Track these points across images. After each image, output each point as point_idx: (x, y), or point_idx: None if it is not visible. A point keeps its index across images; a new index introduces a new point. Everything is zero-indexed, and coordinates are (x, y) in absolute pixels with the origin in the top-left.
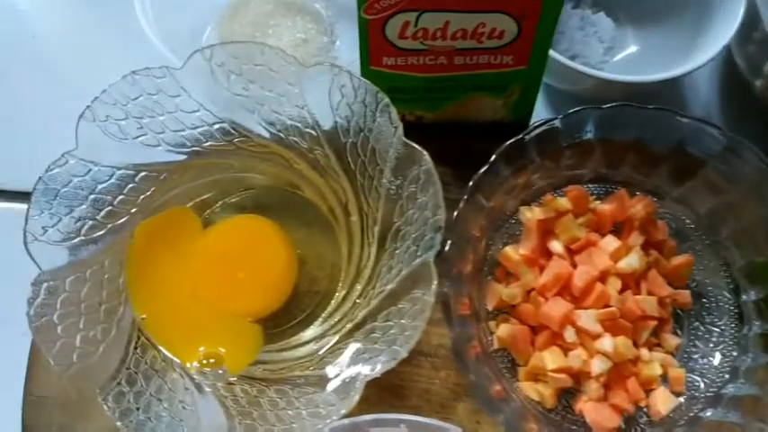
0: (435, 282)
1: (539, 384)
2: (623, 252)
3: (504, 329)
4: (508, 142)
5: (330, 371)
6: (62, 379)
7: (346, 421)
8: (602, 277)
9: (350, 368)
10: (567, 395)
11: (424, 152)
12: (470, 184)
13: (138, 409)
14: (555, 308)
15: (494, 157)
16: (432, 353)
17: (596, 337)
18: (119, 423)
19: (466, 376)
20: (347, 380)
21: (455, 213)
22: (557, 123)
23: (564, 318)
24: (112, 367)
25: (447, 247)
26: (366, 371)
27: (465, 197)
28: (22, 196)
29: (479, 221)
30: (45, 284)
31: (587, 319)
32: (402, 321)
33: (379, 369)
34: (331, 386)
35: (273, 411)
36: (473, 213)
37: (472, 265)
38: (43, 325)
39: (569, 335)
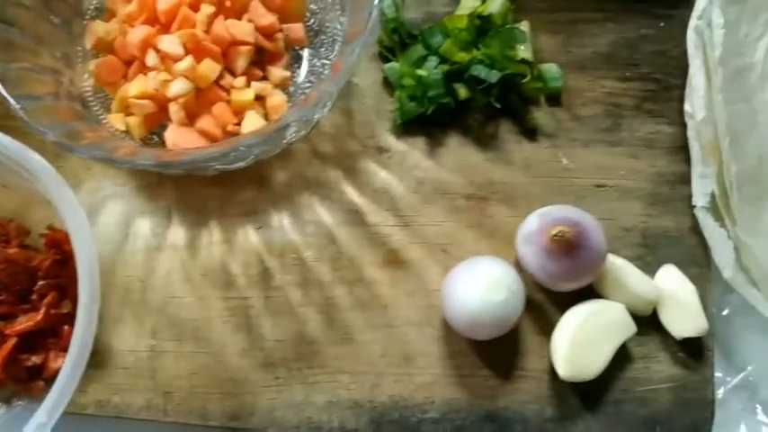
0: None
1: (129, 117)
2: None
3: (94, 63)
4: None
5: None
6: None
7: None
8: (194, 5)
9: None
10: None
11: None
12: None
13: None
14: (136, 33)
15: None
16: None
17: (179, 60)
18: None
19: None
20: None
21: None
22: None
23: (144, 41)
24: None
25: None
26: None
27: None
28: None
29: None
30: None
31: (169, 42)
32: None
33: None
34: None
35: None
36: None
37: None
38: None
39: (150, 58)
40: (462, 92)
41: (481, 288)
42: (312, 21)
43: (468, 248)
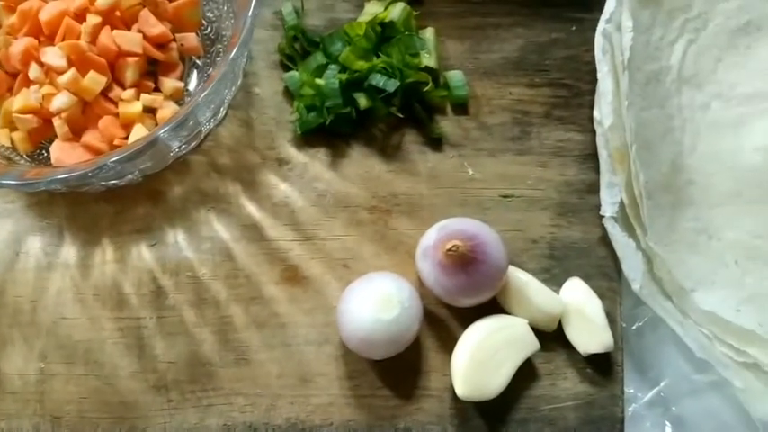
0: None
1: (14, 132)
2: None
3: None
4: None
5: None
6: None
7: None
8: (80, 15)
9: None
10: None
11: None
12: None
13: None
14: (18, 45)
15: None
16: None
17: (62, 72)
18: None
19: None
20: None
21: None
22: None
23: (26, 54)
24: None
25: None
26: None
27: None
28: None
29: None
30: None
31: (51, 54)
32: None
33: None
34: None
35: None
36: None
37: None
38: None
39: (33, 71)
40: (363, 101)
41: (372, 306)
42: (208, 29)
43: (370, 263)
